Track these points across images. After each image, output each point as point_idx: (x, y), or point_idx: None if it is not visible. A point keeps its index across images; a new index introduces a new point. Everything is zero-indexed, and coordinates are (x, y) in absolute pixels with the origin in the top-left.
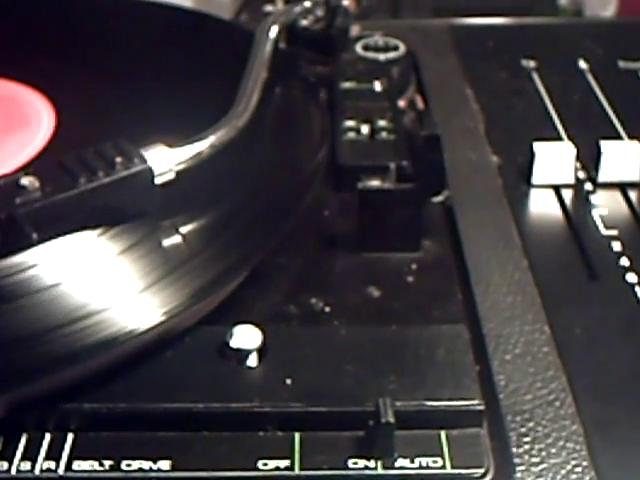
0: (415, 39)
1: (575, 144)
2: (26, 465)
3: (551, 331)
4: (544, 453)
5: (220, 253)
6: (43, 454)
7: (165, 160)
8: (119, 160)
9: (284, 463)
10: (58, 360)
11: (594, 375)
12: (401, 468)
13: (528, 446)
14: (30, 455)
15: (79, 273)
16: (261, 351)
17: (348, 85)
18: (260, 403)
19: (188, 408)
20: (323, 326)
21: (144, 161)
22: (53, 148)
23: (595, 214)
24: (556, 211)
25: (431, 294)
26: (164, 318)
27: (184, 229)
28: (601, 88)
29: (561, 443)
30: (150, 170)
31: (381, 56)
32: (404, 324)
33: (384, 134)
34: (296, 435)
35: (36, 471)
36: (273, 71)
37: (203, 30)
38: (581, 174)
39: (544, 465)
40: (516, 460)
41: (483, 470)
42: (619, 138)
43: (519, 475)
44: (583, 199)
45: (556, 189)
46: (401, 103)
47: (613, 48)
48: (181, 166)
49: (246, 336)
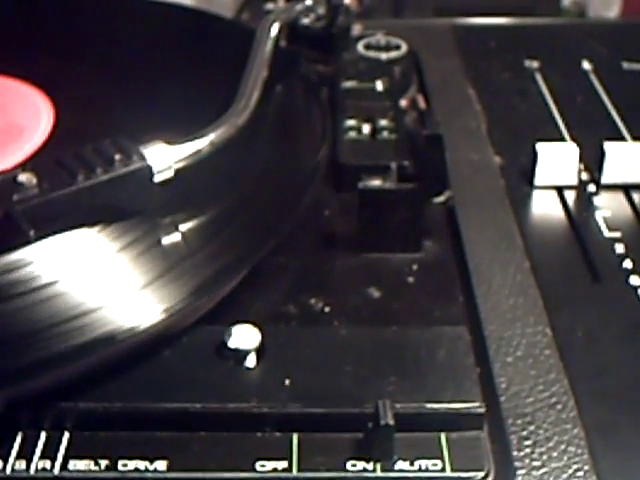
0: (417, 39)
1: (578, 145)
2: (21, 464)
3: (553, 333)
4: (545, 457)
5: (219, 252)
6: (38, 453)
7: (164, 158)
8: (118, 157)
9: (282, 464)
10: (54, 358)
11: (596, 378)
12: (400, 471)
13: (529, 449)
14: (25, 454)
15: (77, 271)
16: (259, 351)
17: (349, 84)
18: (258, 404)
19: (185, 408)
20: (322, 327)
21: (143, 158)
22: (52, 145)
23: (598, 216)
24: (559, 213)
25: (432, 295)
26: (162, 316)
27: (183, 227)
28: (605, 89)
29: (562, 447)
30: (149, 168)
31: (383, 55)
32: (404, 325)
33: (385, 134)
34: (294, 436)
35: (31, 470)
36: (274, 69)
37: (203, 28)
38: (584, 175)
39: (545, 469)
40: (517, 464)
41: (483, 473)
42: (623, 139)
43: (520, 479)
44: (586, 201)
45: (559, 190)
46: (403, 103)
47: (617, 49)
48: (180, 164)
49: (245, 336)
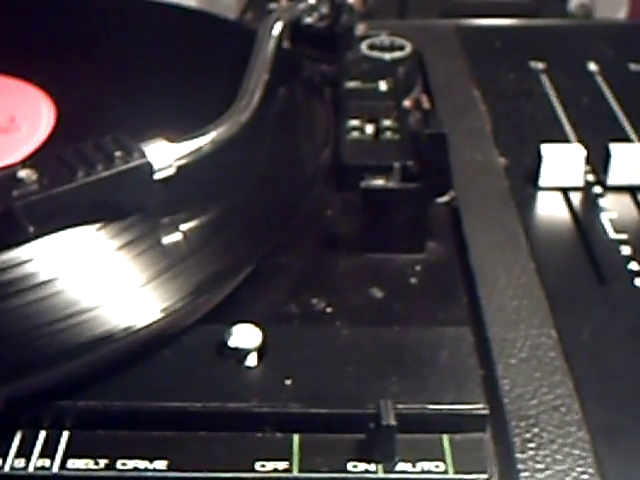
0: (422, 39)
1: (584, 146)
2: (20, 462)
3: (558, 335)
4: (549, 459)
5: (220, 251)
6: (37, 452)
7: (165, 155)
8: (118, 154)
9: (282, 465)
10: (54, 356)
11: (601, 381)
12: (402, 472)
13: (533, 452)
14: (24, 452)
15: (77, 269)
16: (260, 351)
17: (353, 84)
18: (259, 403)
19: (185, 407)
20: (324, 326)
21: (143, 155)
22: (53, 143)
23: (604, 218)
24: (564, 214)
25: (435, 296)
26: (161, 315)
27: (184, 226)
28: (611, 90)
29: (567, 449)
30: (149, 165)
31: (387, 55)
32: (407, 326)
33: (389, 134)
34: (295, 437)
35: (30, 469)
36: (276, 68)
37: (205, 28)
38: (590, 177)
39: (549, 472)
40: (520, 466)
41: (486, 476)
42: (629, 141)
43: None
44: (592, 202)
45: (564, 192)
46: (407, 103)
47: (624, 50)
48: (181, 161)
49: (245, 335)
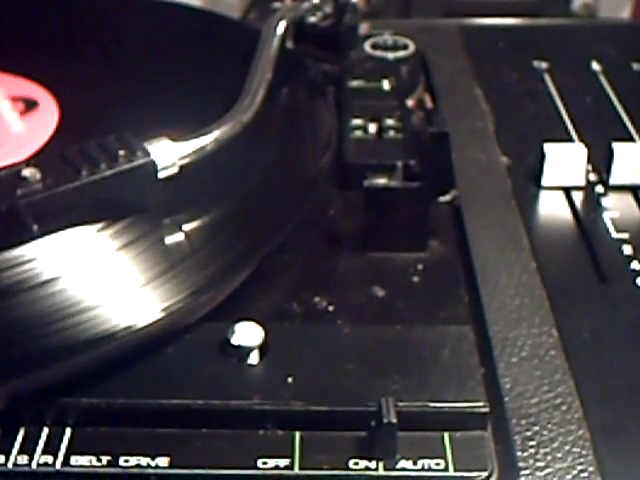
0: (425, 39)
1: (586, 146)
2: (23, 459)
3: (559, 334)
4: (549, 457)
5: (222, 250)
6: (40, 448)
7: (168, 154)
8: (122, 153)
9: (284, 462)
10: (56, 354)
11: (602, 380)
12: (403, 469)
13: (533, 450)
14: (27, 449)
15: (79, 268)
16: (262, 349)
17: (356, 84)
18: (260, 401)
19: (187, 405)
20: (326, 325)
21: (147, 154)
22: (57, 142)
23: (606, 217)
24: (566, 213)
25: (437, 295)
26: (163, 314)
27: (187, 225)
28: (614, 90)
29: (567, 448)
30: (153, 163)
31: (390, 55)
32: (409, 324)
33: (392, 133)
34: (296, 434)
35: (33, 465)
36: (280, 67)
37: (209, 27)
38: (592, 176)
39: (549, 469)
40: (521, 464)
41: (487, 473)
42: (632, 140)
43: (523, 479)
44: (594, 202)
45: (566, 191)
46: (410, 102)
47: (627, 50)
48: (185, 160)
49: (248, 333)
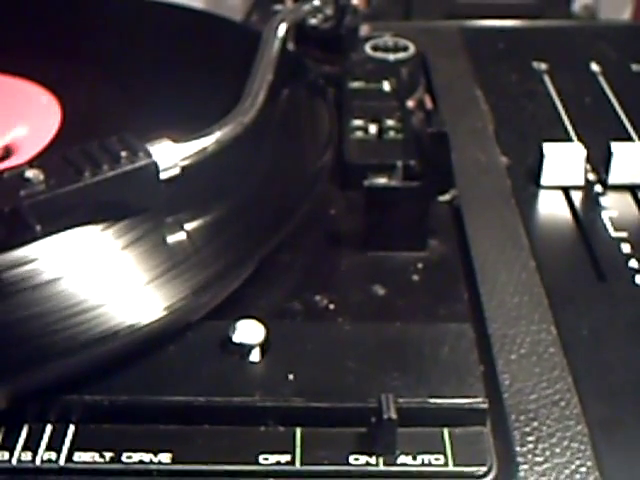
0: (425, 40)
1: (585, 146)
2: (27, 455)
3: (557, 332)
4: (548, 452)
5: (223, 250)
6: (44, 445)
7: (170, 155)
8: (124, 154)
9: (285, 458)
10: (60, 352)
11: (600, 376)
12: (403, 465)
13: (532, 445)
14: (31, 446)
15: (83, 267)
16: (264, 346)
17: (357, 85)
18: (262, 398)
19: (190, 402)
20: (327, 323)
21: (149, 155)
22: (59, 143)
23: (605, 216)
24: (565, 212)
25: (437, 293)
26: (165, 312)
27: (189, 225)
28: (613, 90)
29: (565, 443)
30: (155, 165)
31: (390, 56)
32: (408, 322)
33: (392, 133)
34: (297, 430)
35: (37, 462)
36: (281, 69)
37: (210, 29)
38: (591, 176)
39: (548, 464)
40: (519, 459)
41: (486, 468)
42: (630, 140)
43: (522, 474)
44: (593, 201)
45: (565, 191)
46: (410, 104)
47: (626, 51)
48: (186, 161)
49: (249, 331)
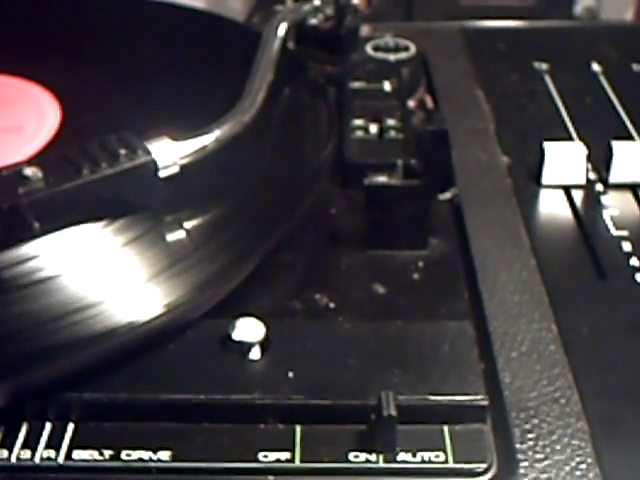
0: (426, 41)
1: (586, 145)
2: (26, 454)
3: (558, 330)
4: (548, 449)
5: (224, 248)
6: (43, 443)
7: (169, 153)
8: (123, 152)
9: (285, 455)
10: (60, 349)
11: (600, 374)
12: (403, 462)
13: (532, 442)
14: (30, 444)
15: (82, 265)
16: (264, 344)
17: (357, 85)
18: (262, 395)
19: (189, 399)
20: (327, 321)
21: (148, 153)
22: (58, 141)
23: (606, 215)
24: (566, 211)
25: (437, 292)
26: (165, 310)
27: (188, 223)
28: (614, 90)
29: (566, 440)
30: (154, 162)
31: (391, 56)
32: (409, 320)
33: (393, 133)
34: (297, 428)
35: (36, 460)
36: (281, 69)
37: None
38: (592, 175)
39: (548, 461)
40: (519, 456)
41: (486, 465)
42: (631, 139)
43: (522, 471)
44: (594, 200)
45: (566, 190)
46: (411, 104)
47: (627, 51)
48: (186, 160)
49: (249, 329)
